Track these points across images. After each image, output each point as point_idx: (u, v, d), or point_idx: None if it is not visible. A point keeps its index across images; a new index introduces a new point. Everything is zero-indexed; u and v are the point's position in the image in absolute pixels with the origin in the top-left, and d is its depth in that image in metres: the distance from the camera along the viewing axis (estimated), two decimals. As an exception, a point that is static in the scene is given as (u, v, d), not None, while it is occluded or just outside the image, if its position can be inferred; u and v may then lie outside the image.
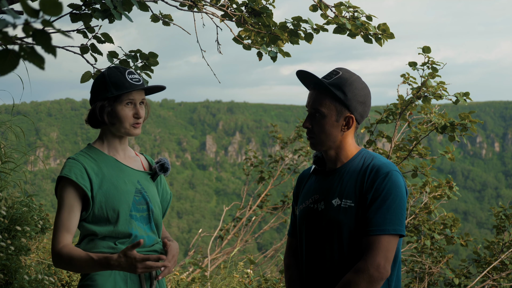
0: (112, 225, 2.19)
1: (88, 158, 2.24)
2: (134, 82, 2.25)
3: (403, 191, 2.01)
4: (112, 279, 2.17)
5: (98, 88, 2.26)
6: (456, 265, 5.63)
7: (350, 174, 2.05)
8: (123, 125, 2.24)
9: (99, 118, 2.24)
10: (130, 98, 2.24)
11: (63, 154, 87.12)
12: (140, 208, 2.26)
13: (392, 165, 2.03)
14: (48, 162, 76.51)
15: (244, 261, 5.57)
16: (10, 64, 0.97)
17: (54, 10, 0.91)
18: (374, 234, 1.94)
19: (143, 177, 2.34)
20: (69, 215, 2.15)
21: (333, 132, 2.07)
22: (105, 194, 2.19)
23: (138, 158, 2.42)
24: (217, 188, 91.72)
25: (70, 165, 2.19)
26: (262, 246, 22.21)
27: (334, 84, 2.05)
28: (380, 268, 1.91)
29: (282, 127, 76.46)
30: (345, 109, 2.05)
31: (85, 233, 2.21)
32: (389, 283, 2.03)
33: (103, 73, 2.27)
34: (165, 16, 3.63)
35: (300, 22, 3.62)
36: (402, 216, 1.98)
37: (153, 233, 2.31)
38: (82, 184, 2.15)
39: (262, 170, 7.87)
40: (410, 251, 5.41)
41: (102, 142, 2.32)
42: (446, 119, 4.44)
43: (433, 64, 4.43)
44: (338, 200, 2.04)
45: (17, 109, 4.42)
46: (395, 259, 2.04)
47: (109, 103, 2.23)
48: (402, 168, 4.73)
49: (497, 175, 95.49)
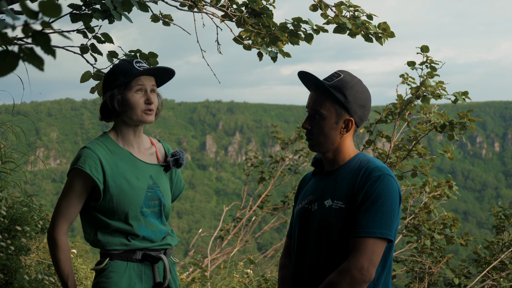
0: (122, 221, 2.20)
1: (104, 148, 2.23)
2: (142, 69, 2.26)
3: (395, 196, 1.98)
4: (127, 275, 2.18)
5: (107, 80, 2.26)
6: (456, 265, 5.63)
7: (344, 176, 2.05)
8: (135, 111, 2.23)
9: (110, 107, 2.23)
10: (139, 84, 2.24)
11: (63, 154, 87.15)
12: (151, 204, 2.27)
13: (386, 169, 2.02)
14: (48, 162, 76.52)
15: (244, 261, 5.57)
16: (9, 65, 0.97)
17: (53, 11, 0.91)
18: (360, 236, 1.92)
19: (156, 170, 2.33)
20: (74, 203, 2.17)
21: (332, 134, 2.06)
22: (118, 189, 2.18)
23: (154, 148, 2.39)
24: (217, 188, 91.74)
25: (85, 156, 2.18)
26: (262, 246, 22.23)
27: (335, 86, 2.05)
28: (363, 271, 1.88)
29: (282, 127, 76.43)
30: (345, 112, 2.05)
31: (96, 223, 2.22)
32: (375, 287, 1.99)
33: (112, 66, 2.29)
34: (165, 16, 3.63)
35: (300, 22, 3.62)
36: (392, 220, 1.95)
37: (164, 225, 2.33)
38: (96, 177, 2.15)
39: (262, 171, 7.87)
40: (410, 251, 5.41)
41: (116, 134, 2.30)
42: (445, 118, 4.44)
43: (432, 63, 4.43)
44: (330, 201, 2.03)
45: (17, 109, 4.42)
46: (384, 264, 2.02)
47: (119, 91, 2.23)
48: (402, 168, 4.73)
49: (497, 175, 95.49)
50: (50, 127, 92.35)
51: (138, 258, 2.21)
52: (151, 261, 2.23)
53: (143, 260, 2.22)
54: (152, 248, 2.25)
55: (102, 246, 2.21)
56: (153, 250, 2.26)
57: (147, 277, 2.22)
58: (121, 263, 2.19)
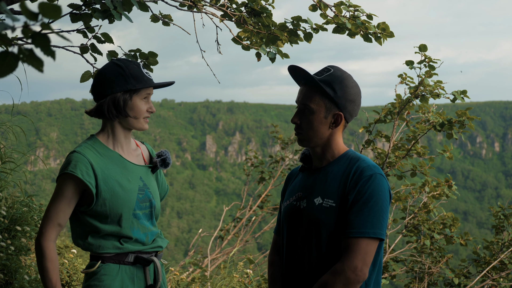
0: (115, 223, 2.18)
1: (93, 151, 2.19)
2: (150, 77, 2.26)
3: (386, 195, 1.99)
4: (120, 278, 2.17)
5: (116, 79, 2.19)
6: (456, 265, 5.63)
7: (334, 174, 2.04)
8: (138, 117, 2.23)
9: (114, 110, 2.20)
10: (148, 93, 2.24)
11: (63, 154, 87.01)
12: (143, 205, 2.25)
13: (377, 168, 2.02)
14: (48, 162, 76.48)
15: (244, 261, 5.57)
16: (9, 66, 0.97)
17: (53, 13, 0.91)
18: (354, 236, 1.92)
19: (145, 171, 2.32)
20: (64, 208, 2.12)
21: (321, 128, 2.05)
22: (110, 192, 2.16)
23: (139, 149, 2.38)
24: (217, 188, 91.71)
25: (76, 160, 2.14)
26: (262, 246, 22.22)
27: (324, 80, 2.05)
28: (357, 271, 1.89)
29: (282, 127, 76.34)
30: (334, 107, 2.05)
31: (87, 228, 2.19)
32: (367, 287, 2.00)
33: (119, 65, 2.21)
34: (165, 16, 3.63)
35: (299, 21, 3.63)
36: (384, 220, 1.96)
37: (154, 227, 2.32)
38: (88, 181, 2.12)
39: (262, 171, 7.87)
40: (410, 251, 5.42)
41: (106, 135, 2.26)
42: (444, 117, 4.44)
43: (430, 61, 4.43)
44: (320, 199, 2.03)
45: (17, 109, 4.43)
46: (374, 263, 2.02)
47: (130, 95, 2.20)
48: (401, 167, 4.73)
49: (497, 175, 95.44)
50: (50, 127, 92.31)
51: (130, 261, 2.20)
52: (143, 263, 2.22)
53: (135, 263, 2.20)
54: (144, 250, 2.24)
55: (94, 250, 2.18)
56: (145, 253, 2.25)
57: (139, 279, 2.21)
58: (113, 266, 2.17)
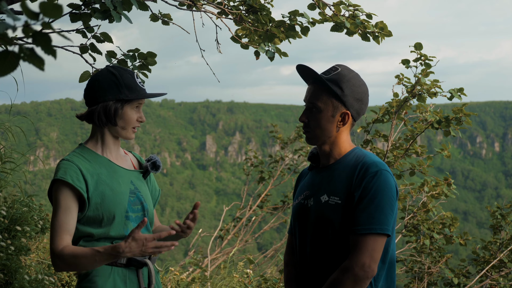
0: (108, 226, 2.17)
1: (82, 159, 2.20)
2: (143, 87, 2.26)
3: (393, 191, 2.00)
4: (112, 279, 2.16)
5: (109, 87, 2.20)
6: (456, 265, 5.63)
7: (340, 171, 2.06)
8: (127, 127, 2.24)
9: (105, 118, 2.20)
10: (139, 102, 2.25)
11: (63, 154, 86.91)
12: (135, 208, 2.25)
13: (382, 165, 2.02)
14: (48, 162, 76.44)
15: (244, 261, 5.58)
16: (10, 65, 0.97)
17: (54, 12, 0.92)
18: (361, 233, 1.93)
19: (136, 176, 2.33)
20: (67, 217, 2.11)
21: (328, 127, 2.07)
22: (101, 195, 2.16)
23: (128, 156, 2.40)
24: (217, 188, 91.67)
25: (65, 167, 2.14)
26: (262, 246, 22.20)
27: (332, 79, 2.06)
28: (365, 267, 1.90)
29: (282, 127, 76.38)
30: (341, 105, 2.07)
31: (79, 235, 2.18)
32: (376, 283, 2.01)
33: (112, 72, 2.22)
34: (165, 15, 3.64)
35: (296, 16, 3.63)
36: (390, 216, 1.97)
37: (148, 231, 2.31)
38: (78, 186, 2.12)
39: (262, 170, 7.88)
40: (410, 251, 5.42)
41: (95, 141, 2.27)
42: (441, 115, 4.45)
43: (426, 59, 4.43)
44: (326, 197, 2.04)
45: (17, 109, 4.44)
46: (385, 259, 2.03)
47: (121, 104, 2.21)
48: (400, 167, 4.73)
49: (497, 175, 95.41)
50: (50, 127, 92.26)
51: (123, 263, 2.18)
52: (136, 266, 2.20)
53: (128, 265, 2.19)
54: None
55: None
56: None
57: (131, 282, 2.19)
58: (106, 268, 2.16)
